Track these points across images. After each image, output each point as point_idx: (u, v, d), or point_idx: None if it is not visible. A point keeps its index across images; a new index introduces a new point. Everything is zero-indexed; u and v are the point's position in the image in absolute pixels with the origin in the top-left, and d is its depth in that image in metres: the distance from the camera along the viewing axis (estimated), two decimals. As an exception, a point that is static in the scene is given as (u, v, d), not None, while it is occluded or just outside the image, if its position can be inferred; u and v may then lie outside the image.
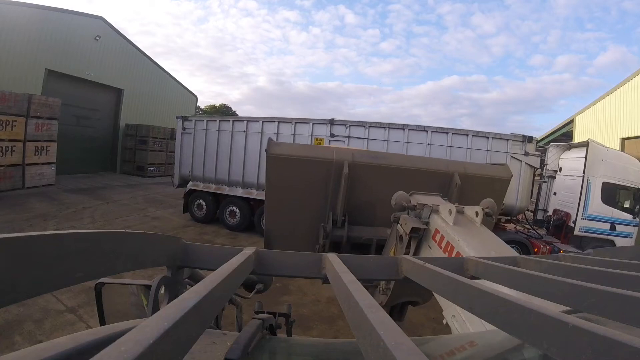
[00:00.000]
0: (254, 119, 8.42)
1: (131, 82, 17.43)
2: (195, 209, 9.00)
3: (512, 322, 0.27)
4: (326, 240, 3.34)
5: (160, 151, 17.00)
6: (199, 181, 8.87)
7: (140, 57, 18.53)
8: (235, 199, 8.39)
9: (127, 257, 0.41)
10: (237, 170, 8.35)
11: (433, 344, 0.71)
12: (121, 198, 11.18)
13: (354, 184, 3.40)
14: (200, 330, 0.27)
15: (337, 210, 3.39)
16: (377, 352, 0.22)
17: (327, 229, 3.31)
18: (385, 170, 3.45)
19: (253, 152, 8.15)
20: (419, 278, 0.50)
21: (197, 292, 0.27)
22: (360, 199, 3.47)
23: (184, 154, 9.08)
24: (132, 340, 0.18)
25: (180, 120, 9.16)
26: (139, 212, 9.65)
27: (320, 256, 0.56)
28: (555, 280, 0.40)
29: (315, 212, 3.51)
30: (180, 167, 9.14)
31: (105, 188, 12.70)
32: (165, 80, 20.55)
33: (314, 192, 3.49)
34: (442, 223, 2.00)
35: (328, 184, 3.40)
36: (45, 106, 10.71)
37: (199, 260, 0.56)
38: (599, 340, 0.21)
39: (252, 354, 0.51)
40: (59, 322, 3.79)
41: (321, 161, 3.41)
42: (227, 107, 41.11)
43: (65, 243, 0.31)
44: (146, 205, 10.48)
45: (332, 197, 3.43)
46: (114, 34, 16.74)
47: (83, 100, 15.15)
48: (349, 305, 0.31)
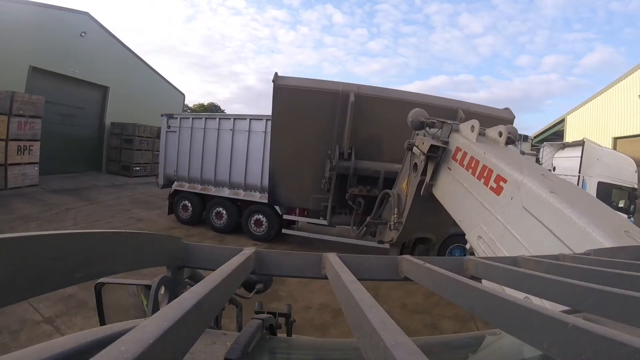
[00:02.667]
0: (241, 116, 8.14)
1: (117, 79, 16.95)
2: (180, 210, 8.72)
3: (512, 322, 0.27)
4: (332, 173, 3.28)
5: (147, 150, 16.56)
6: (184, 181, 8.62)
7: (127, 54, 18.11)
8: (221, 199, 8.14)
9: (127, 257, 0.41)
10: (223, 170, 8.11)
11: (433, 344, 0.71)
12: (106, 199, 10.94)
13: (360, 118, 3.33)
14: (200, 330, 0.27)
15: (343, 142, 3.32)
16: (377, 352, 0.22)
17: (334, 161, 3.24)
18: (391, 104, 3.38)
19: (240, 151, 7.94)
20: (419, 278, 0.50)
21: (197, 292, 0.27)
22: (367, 133, 3.40)
23: (168, 153, 8.78)
24: (132, 340, 0.18)
25: (165, 118, 8.83)
26: (123, 213, 9.41)
27: (320, 256, 0.56)
28: (555, 280, 0.40)
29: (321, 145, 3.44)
30: (165, 167, 8.85)
31: (90, 188, 12.40)
32: (152, 78, 20.16)
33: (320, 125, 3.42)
34: (464, 140, 1.90)
35: (334, 116, 3.33)
36: (29, 104, 10.41)
37: (199, 260, 0.56)
38: (599, 340, 0.21)
39: (252, 354, 0.51)
40: (35, 333, 3.61)
41: (328, 92, 3.33)
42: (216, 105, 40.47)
43: (65, 243, 0.31)
44: (131, 206, 10.22)
45: (338, 129, 3.36)
46: (100, 31, 16.31)
47: (68, 98, 14.74)
48: (349, 305, 0.31)
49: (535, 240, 1.31)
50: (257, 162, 7.74)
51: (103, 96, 16.84)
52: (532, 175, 1.45)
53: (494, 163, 1.62)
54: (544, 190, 1.35)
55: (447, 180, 2.01)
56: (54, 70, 13.87)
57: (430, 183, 2.14)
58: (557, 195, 1.30)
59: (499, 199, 1.54)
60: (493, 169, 1.61)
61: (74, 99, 15.14)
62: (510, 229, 1.43)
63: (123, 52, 17.83)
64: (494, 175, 1.60)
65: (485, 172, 1.66)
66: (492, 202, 1.58)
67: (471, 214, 1.73)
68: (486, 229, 1.59)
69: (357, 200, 3.34)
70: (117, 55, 17.17)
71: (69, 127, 15.15)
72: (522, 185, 1.43)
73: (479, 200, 1.67)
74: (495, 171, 1.60)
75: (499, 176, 1.57)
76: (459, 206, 1.87)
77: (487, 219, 1.59)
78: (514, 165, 1.55)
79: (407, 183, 2.48)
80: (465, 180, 1.82)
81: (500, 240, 1.48)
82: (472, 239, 1.70)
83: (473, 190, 1.73)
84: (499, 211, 1.52)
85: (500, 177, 1.56)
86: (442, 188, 2.08)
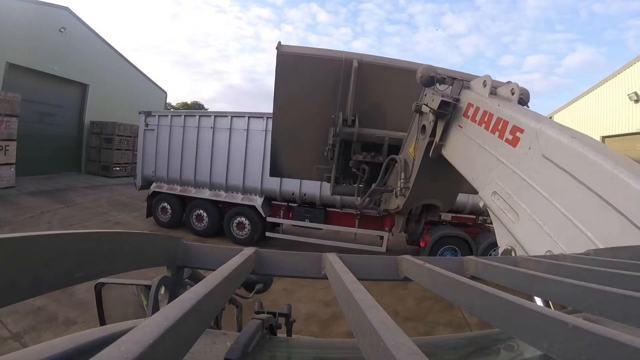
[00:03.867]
0: (222, 113, 7.73)
1: (97, 77, 16.28)
2: (159, 212, 8.23)
3: (512, 322, 0.27)
4: (336, 139, 3.24)
5: (127, 150, 15.85)
6: (162, 182, 8.14)
7: (108, 50, 17.41)
8: (202, 201, 7.72)
9: (127, 257, 0.41)
10: (204, 170, 7.69)
11: (433, 344, 0.71)
12: (83, 201, 10.54)
13: (363, 86, 3.30)
14: (200, 330, 0.27)
15: (347, 109, 3.29)
16: (377, 352, 0.22)
17: (337, 127, 3.20)
18: (395, 72, 3.34)
19: (221, 149, 7.52)
20: (419, 278, 0.50)
21: (197, 292, 0.27)
22: (370, 101, 3.37)
23: (146, 153, 8.29)
24: (132, 340, 0.18)
25: (143, 115, 8.34)
26: (100, 216, 9.04)
27: (320, 256, 0.56)
28: (555, 280, 0.40)
29: (324, 115, 3.40)
30: (143, 167, 8.35)
31: (68, 190, 11.94)
32: (134, 76, 19.45)
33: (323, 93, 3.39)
34: (476, 95, 1.85)
35: (337, 83, 3.30)
36: (4, 102, 10.00)
37: (199, 260, 0.56)
38: (599, 340, 0.21)
39: (252, 354, 0.51)
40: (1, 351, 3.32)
41: (331, 59, 3.31)
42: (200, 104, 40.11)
43: (65, 243, 0.31)
44: (109, 209, 9.86)
45: (342, 97, 3.33)
46: (80, 26, 15.66)
47: (46, 96, 14.14)
48: (349, 305, 0.31)
49: (557, 188, 1.27)
50: (239, 162, 7.41)
51: (82, 94, 16.12)
52: (551, 123, 1.41)
53: (509, 114, 1.57)
54: (564, 136, 1.30)
55: (458, 139, 1.96)
56: (32, 67, 13.23)
57: (439, 143, 2.08)
58: (579, 140, 1.26)
59: (515, 150, 1.50)
60: (509, 120, 1.57)
61: (52, 97, 14.51)
62: (529, 180, 1.39)
63: (104, 48, 17.14)
64: (509, 126, 1.55)
65: (500, 125, 1.61)
66: (508, 154, 1.54)
67: (485, 169, 1.69)
68: (502, 184, 1.55)
69: (362, 167, 3.29)
70: (97, 51, 16.49)
71: (47, 126, 14.55)
72: (540, 133, 1.38)
73: (494, 154, 1.63)
74: (510, 122, 1.55)
75: (515, 127, 1.52)
76: (471, 164, 1.82)
77: (503, 172, 1.56)
78: (530, 115, 1.50)
79: (414, 147, 2.43)
80: (477, 136, 1.77)
81: (517, 193, 1.45)
82: (486, 196, 1.66)
83: (487, 145, 1.69)
84: (516, 163, 1.48)
85: (516, 128, 1.51)
86: (452, 147, 2.02)
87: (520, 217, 1.43)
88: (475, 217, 6.91)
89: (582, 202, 1.16)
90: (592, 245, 1.08)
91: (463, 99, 1.94)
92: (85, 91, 16.20)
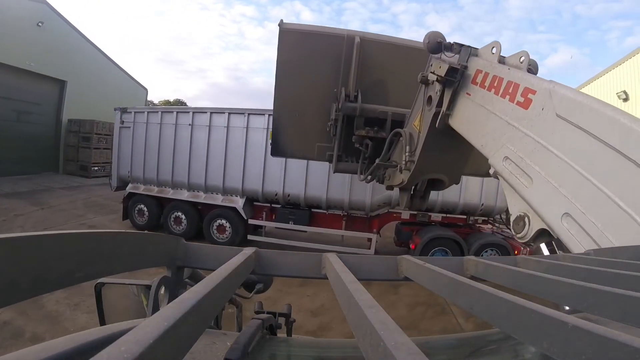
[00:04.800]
0: (200, 109, 7.31)
1: (76, 73, 15.50)
2: (136, 215, 7.73)
3: (512, 322, 0.27)
4: (339, 113, 3.22)
5: (105, 149, 14.88)
6: (139, 183, 7.64)
7: (87, 46, 16.60)
8: (180, 203, 7.27)
9: (127, 257, 0.41)
10: (182, 170, 7.21)
11: (433, 344, 0.71)
12: (59, 203, 10.10)
13: (365, 62, 3.30)
14: (200, 330, 0.27)
15: (349, 84, 3.28)
16: (377, 352, 0.22)
17: (340, 102, 3.20)
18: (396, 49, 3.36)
19: (200, 147, 7.08)
20: (419, 278, 0.50)
21: (197, 292, 0.27)
22: (372, 78, 3.37)
23: (122, 152, 7.78)
24: (132, 340, 0.18)
25: (119, 112, 7.82)
26: (76, 219, 8.65)
27: (320, 256, 0.56)
28: (555, 280, 0.40)
29: (326, 90, 3.40)
30: (119, 167, 7.85)
31: (45, 191, 11.48)
32: (114, 72, 18.63)
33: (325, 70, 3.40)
34: (484, 62, 1.83)
35: (339, 60, 3.31)
36: None
37: (199, 260, 0.56)
38: (599, 340, 0.21)
39: (252, 354, 0.51)
40: None
41: (333, 35, 3.32)
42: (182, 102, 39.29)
43: (65, 243, 0.31)
44: (85, 211, 9.47)
45: (344, 73, 3.33)
46: (59, 21, 14.96)
47: (22, 93, 13.55)
48: (349, 305, 0.31)
49: (573, 148, 1.25)
50: (219, 161, 6.98)
51: (60, 91, 15.31)
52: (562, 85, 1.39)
53: (519, 77, 1.55)
54: (579, 94, 1.28)
55: (467, 106, 1.93)
56: (8, 63, 12.65)
57: (447, 113, 2.05)
58: (593, 98, 1.24)
59: (527, 112, 1.48)
60: (520, 82, 1.55)
61: (29, 94, 13.87)
62: (543, 142, 1.38)
63: (83, 43, 16.32)
64: (520, 89, 1.53)
65: (510, 88, 1.59)
66: (519, 117, 1.52)
67: (495, 135, 1.67)
68: (513, 148, 1.53)
69: (365, 143, 3.25)
70: (76, 47, 15.67)
71: (24, 124, 13.95)
72: (554, 92, 1.37)
73: (504, 119, 1.60)
74: (522, 84, 1.53)
75: (526, 89, 1.50)
76: (480, 130, 1.79)
77: (514, 136, 1.53)
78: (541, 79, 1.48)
79: (419, 119, 2.40)
80: (487, 101, 1.75)
81: (530, 156, 1.43)
82: (496, 162, 1.63)
83: (497, 110, 1.67)
84: (528, 125, 1.46)
85: (528, 90, 1.49)
86: (460, 116, 1.99)
87: (534, 181, 1.41)
88: (466, 218, 6.73)
89: (600, 159, 1.14)
90: (612, 203, 1.06)
91: (471, 66, 1.91)
92: (63, 88, 15.33)
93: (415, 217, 6.66)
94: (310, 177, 6.60)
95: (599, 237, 1.11)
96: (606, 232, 1.09)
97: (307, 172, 6.57)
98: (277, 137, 3.93)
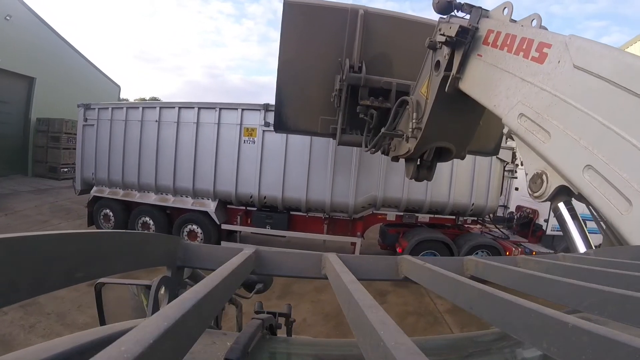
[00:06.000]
0: (168, 104, 6.67)
1: (45, 69, 14.62)
2: (102, 220, 7.11)
3: (512, 322, 0.28)
4: (343, 83, 3.23)
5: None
6: (104, 185, 7.06)
7: (57, 41, 15.75)
8: (148, 207, 6.70)
9: (127, 257, 0.41)
10: (148, 171, 6.58)
11: (433, 344, 0.71)
12: (24, 208, 9.51)
13: (369, 35, 3.37)
14: (200, 330, 0.27)
15: (353, 56, 3.34)
16: (377, 352, 0.22)
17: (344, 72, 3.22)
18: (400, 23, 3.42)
19: (168, 146, 6.45)
20: (419, 278, 0.50)
21: (197, 292, 0.27)
22: (376, 51, 3.42)
23: (86, 152, 7.19)
24: (132, 340, 0.18)
25: (82, 108, 7.20)
26: (39, 225, 8.10)
27: (320, 256, 0.56)
28: (555, 280, 0.40)
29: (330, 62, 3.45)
30: (82, 168, 7.24)
31: (10, 195, 10.79)
32: (85, 68, 17.67)
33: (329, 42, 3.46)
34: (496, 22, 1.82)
35: (343, 32, 3.38)
36: None
37: (199, 260, 0.56)
38: (599, 340, 0.21)
39: (252, 354, 0.51)
40: None
41: (337, 9, 3.39)
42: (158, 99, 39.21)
43: (65, 243, 0.31)
44: (50, 217, 8.87)
45: (348, 44, 3.38)
46: (28, 14, 14.18)
47: None
48: (349, 305, 0.31)
49: (592, 98, 1.24)
50: (188, 160, 6.39)
51: (29, 88, 14.42)
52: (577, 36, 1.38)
53: (534, 32, 1.54)
54: (595, 44, 1.27)
55: (478, 68, 1.92)
56: None
57: (457, 76, 2.02)
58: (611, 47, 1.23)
59: (543, 67, 1.47)
60: (534, 38, 1.54)
61: None
62: (560, 95, 1.37)
63: (53, 38, 15.43)
64: (535, 44, 1.52)
65: (524, 45, 1.58)
66: (535, 72, 1.51)
67: (508, 93, 1.65)
68: (529, 105, 1.52)
69: (369, 112, 3.26)
70: (46, 42, 14.82)
71: None
72: (570, 43, 1.36)
73: (518, 76, 1.59)
74: (536, 39, 1.52)
75: (541, 43, 1.49)
76: (493, 90, 1.77)
77: (530, 92, 1.52)
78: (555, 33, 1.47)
79: (427, 85, 2.38)
80: (499, 60, 1.73)
81: (547, 111, 1.41)
82: (511, 120, 1.61)
83: (510, 68, 1.65)
84: (545, 80, 1.45)
85: (543, 44, 1.48)
86: (471, 78, 1.98)
87: (552, 135, 1.39)
88: (455, 218, 6.42)
89: (622, 107, 1.13)
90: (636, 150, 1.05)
91: (482, 27, 1.90)
92: (31, 85, 14.41)
93: (401, 219, 6.29)
94: (288, 177, 6.09)
95: (623, 186, 1.09)
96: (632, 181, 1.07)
97: (284, 172, 6.08)
98: (280, 112, 3.89)
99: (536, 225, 7.05)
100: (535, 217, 7.11)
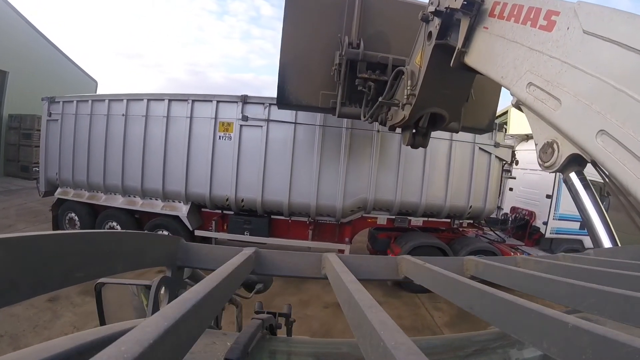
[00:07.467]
0: (135, 96, 5.97)
1: (18, 63, 13.95)
2: (67, 225, 6.51)
3: (512, 322, 0.27)
4: (342, 58, 3.45)
5: None
6: (68, 187, 6.46)
7: (31, 33, 15.10)
8: (114, 211, 6.10)
9: (127, 257, 0.41)
10: (114, 170, 5.96)
11: (433, 344, 0.71)
12: None
13: (368, 13, 3.62)
14: (200, 330, 0.27)
15: (352, 33, 3.57)
16: (377, 352, 0.22)
17: (343, 48, 3.45)
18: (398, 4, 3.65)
19: (135, 143, 5.84)
20: (419, 278, 0.50)
21: (197, 292, 0.27)
22: (374, 29, 3.66)
23: (50, 149, 6.55)
24: (132, 340, 0.18)
25: (46, 102, 6.50)
26: (2, 230, 7.21)
27: (321, 256, 0.56)
28: (555, 280, 0.40)
29: (331, 39, 3.68)
30: (46, 168, 6.60)
31: None
32: (61, 63, 16.99)
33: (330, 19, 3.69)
34: None
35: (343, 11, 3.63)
36: None
37: (199, 260, 0.57)
38: (599, 340, 0.21)
39: (252, 354, 0.51)
40: None
41: None
42: None
43: (65, 243, 0.31)
44: (16, 220, 8.20)
45: (347, 21, 3.62)
46: (1, 4, 13.63)
47: None
48: (349, 305, 0.31)
49: (604, 62, 1.24)
50: (158, 159, 5.74)
51: (1, 83, 13.83)
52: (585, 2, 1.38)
53: (541, 0, 1.55)
54: (604, 8, 1.28)
55: (484, 40, 1.93)
56: None
57: (462, 50, 2.04)
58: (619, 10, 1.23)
59: (551, 35, 1.48)
60: (541, 6, 1.55)
61: None
62: (570, 62, 1.37)
63: (27, 30, 14.76)
64: (542, 12, 1.53)
65: (532, 14, 1.60)
66: (543, 40, 1.52)
67: (516, 63, 1.66)
68: (537, 73, 1.52)
69: (367, 85, 3.48)
70: (19, 34, 14.12)
71: None
72: (579, 8, 1.36)
73: (527, 45, 1.60)
74: (544, 8, 1.53)
75: (549, 11, 1.50)
76: (500, 62, 1.79)
77: (538, 61, 1.53)
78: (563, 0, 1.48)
79: (421, 55, 2.54)
80: (507, 31, 1.75)
81: (557, 79, 1.42)
82: (519, 90, 1.61)
83: (517, 38, 1.67)
84: (553, 48, 1.46)
85: (551, 12, 1.49)
86: (477, 51, 1.99)
87: (563, 103, 1.39)
88: (451, 221, 6.05)
89: (636, 69, 1.13)
90: None
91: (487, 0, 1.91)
92: (4, 80, 13.73)
93: (393, 223, 5.85)
94: (269, 177, 5.51)
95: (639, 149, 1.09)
96: None
97: (264, 172, 5.49)
98: (283, 87, 4.04)
99: (533, 227, 6.80)
100: (532, 218, 6.86)
